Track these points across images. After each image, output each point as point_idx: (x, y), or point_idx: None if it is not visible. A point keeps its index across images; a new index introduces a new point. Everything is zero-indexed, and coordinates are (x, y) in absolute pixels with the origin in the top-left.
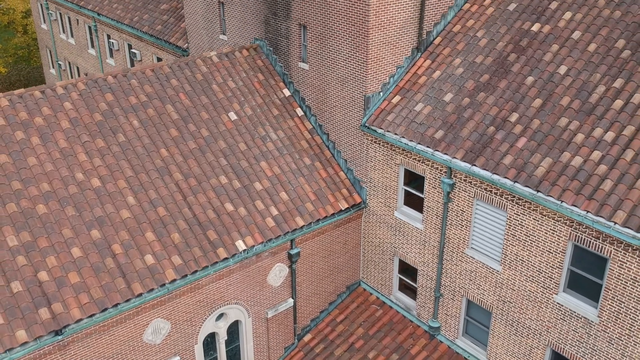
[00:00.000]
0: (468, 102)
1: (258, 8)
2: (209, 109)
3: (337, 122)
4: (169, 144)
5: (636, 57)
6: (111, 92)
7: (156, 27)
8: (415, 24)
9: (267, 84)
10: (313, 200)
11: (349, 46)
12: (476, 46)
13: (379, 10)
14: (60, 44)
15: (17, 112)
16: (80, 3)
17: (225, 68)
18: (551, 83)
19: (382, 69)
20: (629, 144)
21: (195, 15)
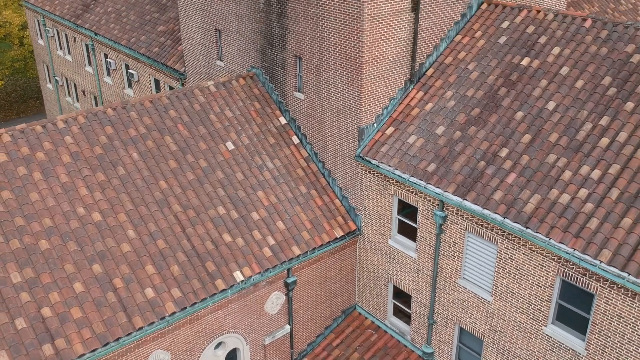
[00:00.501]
0: (459, 136)
1: (254, 38)
2: (207, 139)
3: (332, 151)
4: (167, 175)
5: (621, 95)
6: (111, 125)
7: (153, 49)
8: (408, 57)
9: (263, 112)
10: (309, 228)
11: (343, 79)
12: (467, 79)
13: (373, 46)
14: (57, 60)
15: (19, 147)
16: (77, 22)
17: (222, 97)
18: (540, 119)
19: (376, 101)
20: (614, 183)
21: (192, 41)
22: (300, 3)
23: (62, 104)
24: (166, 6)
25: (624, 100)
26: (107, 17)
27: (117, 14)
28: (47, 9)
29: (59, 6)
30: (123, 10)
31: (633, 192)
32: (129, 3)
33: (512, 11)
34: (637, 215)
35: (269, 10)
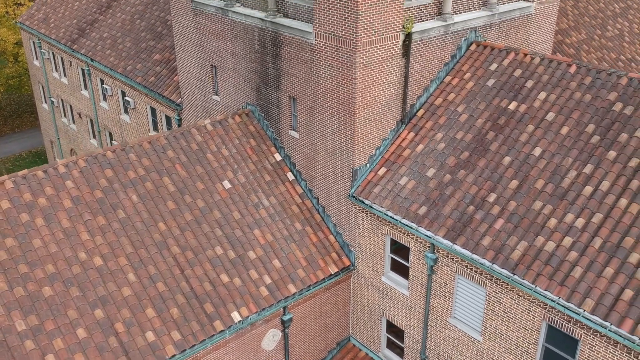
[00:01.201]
0: (449, 179)
1: (250, 76)
2: (204, 178)
3: (326, 189)
4: (166, 217)
5: (604, 143)
6: (110, 168)
7: (149, 79)
8: (399, 100)
9: (259, 149)
10: (304, 266)
11: (336, 122)
12: (457, 121)
13: (365, 91)
14: (52, 81)
15: (21, 194)
16: (73, 47)
17: (219, 135)
18: (527, 164)
19: (369, 143)
20: (597, 232)
21: (188, 74)
22: (294, 47)
23: (57, 124)
24: (161, 34)
25: (607, 149)
26: (102, 43)
27: (112, 40)
28: (43, 32)
29: (54, 29)
30: (119, 36)
31: (615, 242)
32: (124, 29)
33: (500, 53)
34: (618, 265)
35: (263, 52)
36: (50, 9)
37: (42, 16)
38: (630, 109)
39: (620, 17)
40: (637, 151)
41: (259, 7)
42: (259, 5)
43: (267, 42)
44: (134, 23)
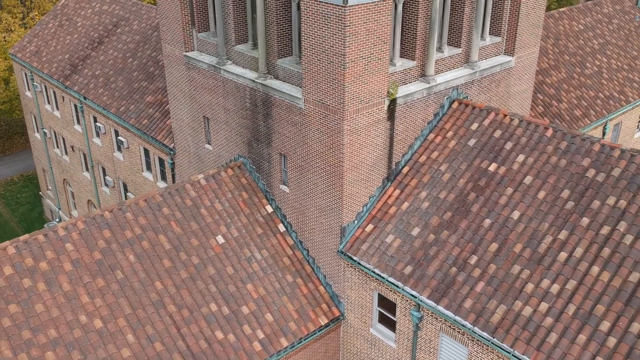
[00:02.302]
0: (433, 239)
1: (241, 131)
2: (199, 234)
3: (316, 242)
4: (163, 275)
5: (578, 210)
6: (108, 228)
7: (142, 121)
8: (385, 159)
9: (251, 202)
10: (296, 318)
11: (325, 182)
12: (440, 180)
13: (352, 155)
14: (45, 113)
15: (23, 259)
16: (65, 83)
17: (212, 190)
18: (506, 228)
19: (356, 201)
20: (571, 298)
21: (181, 123)
22: (284, 110)
23: (50, 154)
24: (154, 75)
25: (581, 215)
26: (95, 81)
27: (105, 78)
28: (35, 66)
29: (46, 64)
30: (111, 75)
31: (587, 309)
32: (116, 68)
33: (481, 113)
34: (590, 332)
35: (255, 110)
36: (42, 42)
37: (34, 49)
38: (602, 176)
39: (599, 54)
40: (608, 219)
41: (250, 67)
42: (250, 65)
43: (258, 102)
44: (126, 61)
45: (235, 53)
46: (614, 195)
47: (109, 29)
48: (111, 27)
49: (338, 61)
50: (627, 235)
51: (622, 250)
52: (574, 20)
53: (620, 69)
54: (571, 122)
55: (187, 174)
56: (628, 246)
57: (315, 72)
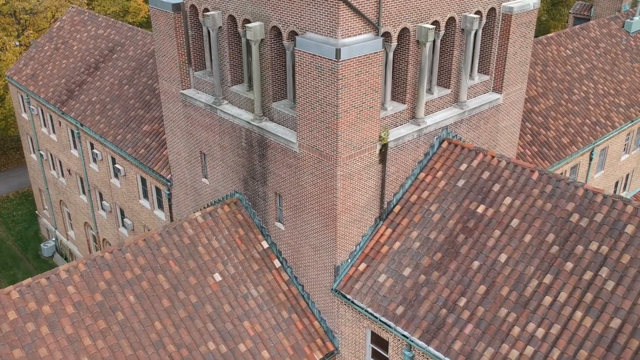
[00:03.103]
0: (424, 280)
1: (237, 168)
2: (196, 273)
3: (310, 279)
4: (162, 315)
5: (562, 254)
6: (109, 269)
7: (139, 151)
8: (378, 200)
9: (247, 238)
10: (291, 354)
11: (319, 222)
12: (430, 220)
13: (345, 198)
14: (42, 136)
15: (26, 303)
16: (62, 109)
17: (209, 227)
18: (493, 270)
19: (350, 241)
20: (555, 342)
21: (178, 156)
22: (279, 152)
23: (46, 176)
24: (150, 103)
25: (565, 260)
26: (92, 108)
27: (102, 105)
28: (32, 89)
29: (43, 88)
30: (108, 102)
31: (571, 354)
32: (112, 95)
33: (470, 153)
34: None
35: (250, 150)
36: (38, 65)
37: (30, 72)
38: (585, 221)
39: (585, 79)
40: (590, 264)
41: (246, 107)
42: (246, 105)
43: (253, 142)
44: (122, 88)
45: (231, 93)
46: (596, 241)
47: (104, 54)
48: (107, 52)
49: (331, 111)
50: (609, 282)
51: (604, 296)
52: (562, 46)
53: (606, 94)
54: (559, 150)
55: (184, 205)
56: (609, 292)
57: (310, 119)
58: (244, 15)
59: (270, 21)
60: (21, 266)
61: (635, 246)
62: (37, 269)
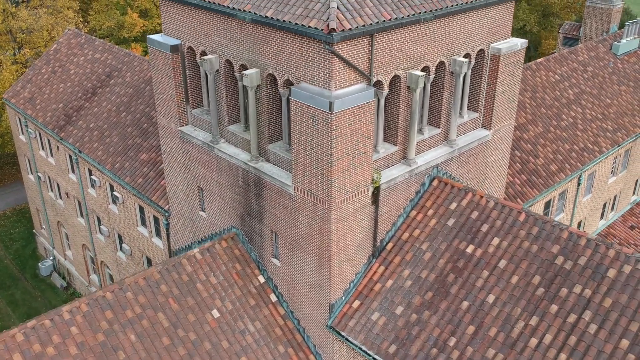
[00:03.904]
0: (415, 319)
1: (234, 205)
2: (195, 310)
3: (306, 315)
4: (162, 353)
5: (548, 296)
6: (110, 309)
7: (137, 180)
8: (371, 239)
9: (244, 273)
10: None
11: (314, 261)
12: (421, 259)
13: (340, 239)
14: (39, 158)
15: (31, 345)
16: (60, 134)
17: (207, 264)
18: (482, 311)
19: (344, 279)
20: None
21: (176, 189)
22: (275, 193)
23: (44, 197)
24: (147, 131)
25: (550, 302)
26: (90, 135)
27: (99, 132)
28: (30, 113)
29: (41, 112)
30: (105, 129)
31: None
32: (110, 121)
33: (459, 192)
34: None
35: (247, 188)
36: (36, 88)
37: (27, 95)
38: (569, 264)
39: (574, 104)
40: (574, 307)
41: (242, 147)
42: (243, 145)
43: (250, 182)
44: (119, 115)
45: (228, 132)
46: (580, 284)
47: (102, 79)
48: (104, 78)
49: (325, 159)
50: (592, 325)
51: (587, 339)
52: (551, 71)
53: (594, 119)
54: (547, 177)
55: (182, 235)
56: (592, 335)
57: (305, 164)
58: (241, 61)
59: (266, 69)
60: (19, 285)
61: (617, 290)
62: (34, 288)
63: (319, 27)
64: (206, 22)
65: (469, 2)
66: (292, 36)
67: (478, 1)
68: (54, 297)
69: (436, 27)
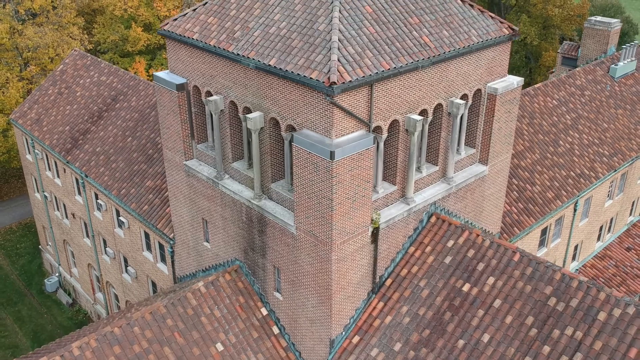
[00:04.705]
0: (413, 356)
1: (238, 239)
2: (200, 343)
3: (307, 348)
4: None
5: (540, 337)
6: (118, 344)
7: (143, 207)
8: (370, 276)
9: (247, 305)
10: None
11: (315, 298)
12: (419, 296)
13: (340, 278)
14: (46, 179)
15: None
16: (67, 157)
17: (211, 297)
18: (477, 350)
19: (344, 315)
20: None
21: (181, 219)
22: (278, 230)
23: (50, 215)
24: (153, 158)
25: (542, 343)
26: (96, 159)
27: (106, 156)
28: (37, 135)
29: (47, 134)
30: (112, 153)
31: None
32: (116, 146)
33: (456, 230)
34: None
35: (250, 224)
36: (43, 109)
37: (34, 116)
38: (562, 305)
39: (571, 129)
40: (566, 349)
41: (246, 183)
42: (246, 182)
43: (253, 218)
44: (125, 140)
45: (232, 169)
46: (571, 326)
47: (107, 102)
48: (110, 101)
49: (326, 203)
50: None
51: None
52: (549, 96)
53: (591, 144)
54: (544, 205)
55: (186, 263)
56: None
57: (306, 206)
58: (245, 104)
59: (269, 113)
60: (25, 302)
61: (607, 333)
62: (41, 304)
63: (320, 80)
64: (212, 64)
65: (466, 47)
66: (295, 84)
67: (475, 45)
68: (60, 314)
69: (434, 72)
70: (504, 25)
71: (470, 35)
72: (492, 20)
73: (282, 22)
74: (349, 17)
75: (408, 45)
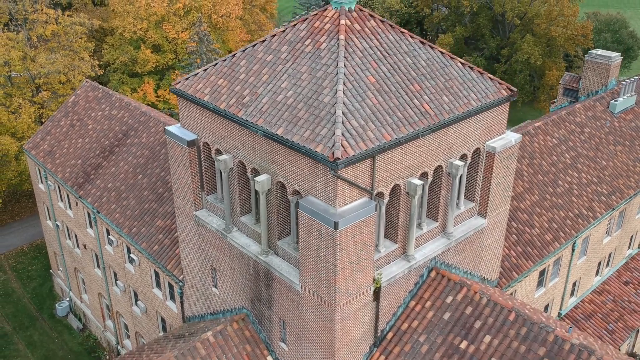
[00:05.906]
0: None
1: (245, 289)
2: None
3: None
4: None
5: None
6: None
7: (153, 247)
8: (372, 331)
9: (254, 354)
10: None
11: (319, 352)
12: (419, 351)
13: (343, 336)
14: (58, 209)
15: None
16: (79, 192)
17: (220, 346)
18: None
19: None
20: None
21: (190, 263)
22: (283, 286)
23: (62, 244)
24: (163, 196)
25: None
26: (108, 195)
27: (117, 192)
28: (49, 167)
29: (60, 167)
30: (122, 190)
31: None
32: (127, 183)
33: (455, 286)
34: None
35: (257, 277)
36: (55, 141)
37: (47, 147)
38: None
39: (570, 169)
40: None
41: (254, 237)
42: (254, 236)
43: (260, 272)
44: (136, 177)
45: (240, 222)
46: None
47: (119, 137)
48: (121, 137)
49: (330, 268)
50: None
51: None
52: (548, 135)
53: (589, 182)
54: (542, 247)
55: (195, 305)
56: None
57: (311, 269)
58: (253, 165)
59: (276, 176)
60: (37, 326)
61: None
62: (52, 329)
63: (325, 154)
64: (222, 125)
65: (465, 112)
66: (300, 154)
67: (474, 109)
68: (71, 339)
69: (434, 137)
70: (503, 86)
71: (470, 100)
72: (491, 82)
73: (289, 90)
74: (352, 89)
75: (409, 114)
